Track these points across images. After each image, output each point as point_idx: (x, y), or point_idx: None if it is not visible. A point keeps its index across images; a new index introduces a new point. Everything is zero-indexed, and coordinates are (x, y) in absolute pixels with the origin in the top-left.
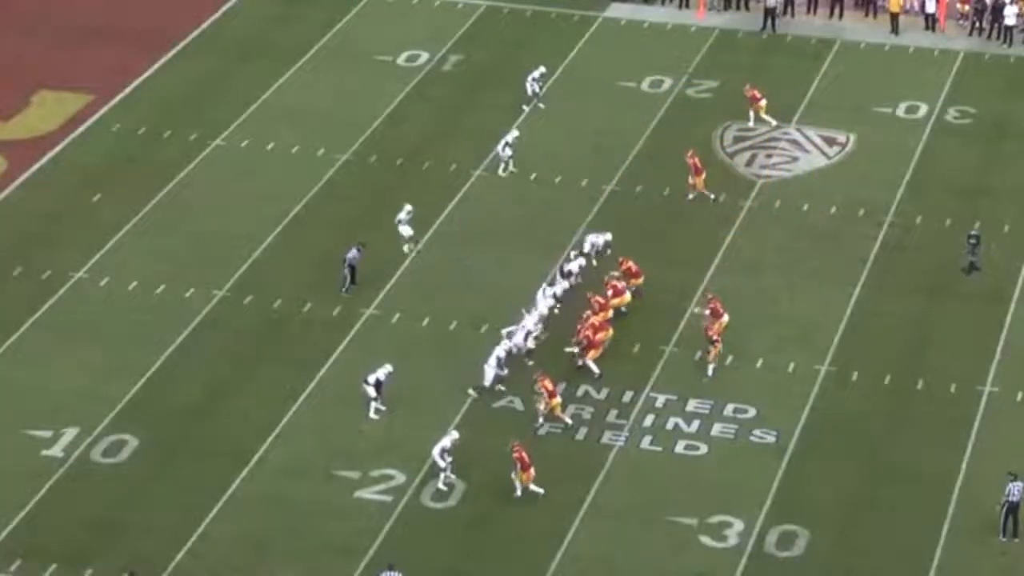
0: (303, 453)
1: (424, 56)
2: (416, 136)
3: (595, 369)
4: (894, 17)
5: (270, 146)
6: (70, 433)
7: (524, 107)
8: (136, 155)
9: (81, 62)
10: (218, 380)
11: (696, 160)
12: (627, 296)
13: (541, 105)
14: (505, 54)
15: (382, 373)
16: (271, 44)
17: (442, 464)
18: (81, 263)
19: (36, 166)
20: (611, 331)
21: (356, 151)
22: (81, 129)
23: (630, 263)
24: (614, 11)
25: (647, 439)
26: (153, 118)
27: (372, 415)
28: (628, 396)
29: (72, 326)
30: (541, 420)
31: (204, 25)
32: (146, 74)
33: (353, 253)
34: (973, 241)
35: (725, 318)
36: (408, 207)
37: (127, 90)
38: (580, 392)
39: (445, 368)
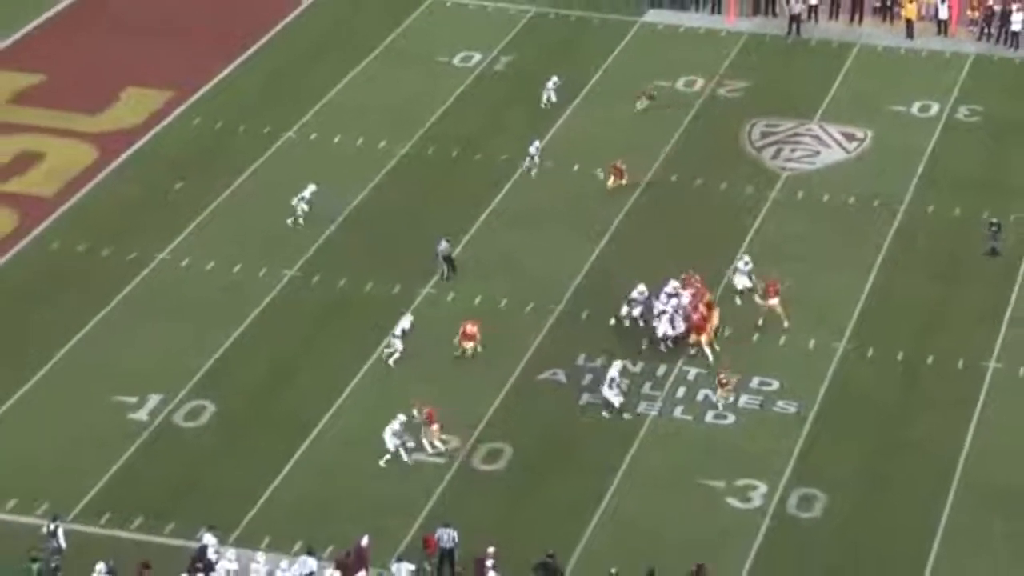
0: (362, 423)
1: (477, 57)
2: (469, 130)
3: (710, 352)
4: (909, 23)
5: (336, 139)
6: (154, 399)
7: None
8: (214, 147)
9: (165, 62)
10: (286, 354)
11: (618, 166)
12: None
13: (542, 105)
14: (551, 56)
15: (406, 322)
16: (338, 45)
17: (390, 445)
18: (164, 245)
19: (124, 156)
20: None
21: (415, 144)
22: (164, 123)
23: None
24: (652, 16)
25: (679, 409)
26: (229, 113)
27: (390, 363)
28: (662, 370)
29: (156, 302)
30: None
31: (278, 27)
32: (223, 73)
33: (443, 245)
34: (994, 228)
35: (775, 301)
36: (312, 186)
37: (206, 87)
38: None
39: (495, 342)
